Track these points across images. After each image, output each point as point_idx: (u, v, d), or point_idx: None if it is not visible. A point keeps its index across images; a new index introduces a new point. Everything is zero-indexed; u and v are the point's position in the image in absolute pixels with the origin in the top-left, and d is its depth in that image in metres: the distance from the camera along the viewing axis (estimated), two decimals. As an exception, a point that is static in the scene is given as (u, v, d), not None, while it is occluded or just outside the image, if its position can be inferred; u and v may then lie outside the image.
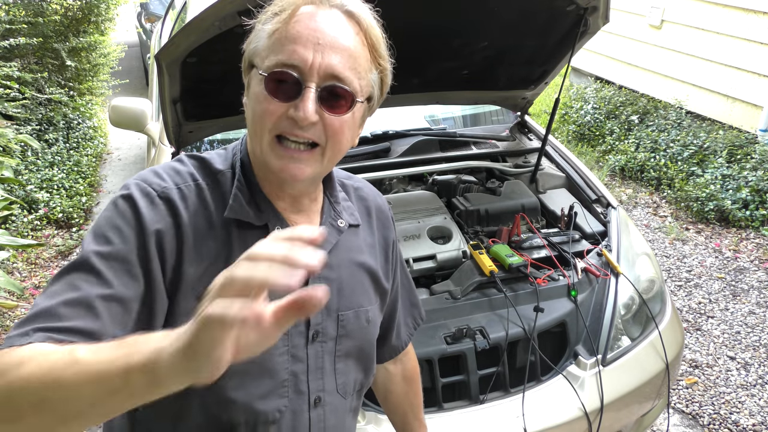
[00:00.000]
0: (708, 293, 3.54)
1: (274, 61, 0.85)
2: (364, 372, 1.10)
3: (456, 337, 1.82)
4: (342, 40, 0.86)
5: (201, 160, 0.97)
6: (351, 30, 0.88)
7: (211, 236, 0.90)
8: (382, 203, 1.17)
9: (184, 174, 0.93)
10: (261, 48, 0.88)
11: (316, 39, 0.84)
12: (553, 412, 1.80)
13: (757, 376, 2.90)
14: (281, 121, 0.86)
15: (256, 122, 0.89)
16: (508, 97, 2.68)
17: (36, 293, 3.49)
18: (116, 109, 2.76)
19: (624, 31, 5.98)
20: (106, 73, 6.19)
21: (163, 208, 0.88)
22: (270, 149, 0.88)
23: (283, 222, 0.96)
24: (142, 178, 0.91)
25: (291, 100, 0.85)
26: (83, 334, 0.76)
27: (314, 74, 0.84)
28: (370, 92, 0.93)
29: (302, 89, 0.85)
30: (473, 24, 2.08)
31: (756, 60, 4.71)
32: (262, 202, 0.95)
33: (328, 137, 0.88)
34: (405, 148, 2.53)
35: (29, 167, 4.51)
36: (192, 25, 1.52)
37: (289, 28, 0.85)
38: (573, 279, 2.03)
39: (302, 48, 0.84)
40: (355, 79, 0.87)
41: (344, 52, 0.86)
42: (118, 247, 0.84)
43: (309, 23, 0.85)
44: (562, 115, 6.10)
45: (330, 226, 1.02)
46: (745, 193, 4.19)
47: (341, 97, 0.87)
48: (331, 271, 1.00)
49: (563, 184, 2.59)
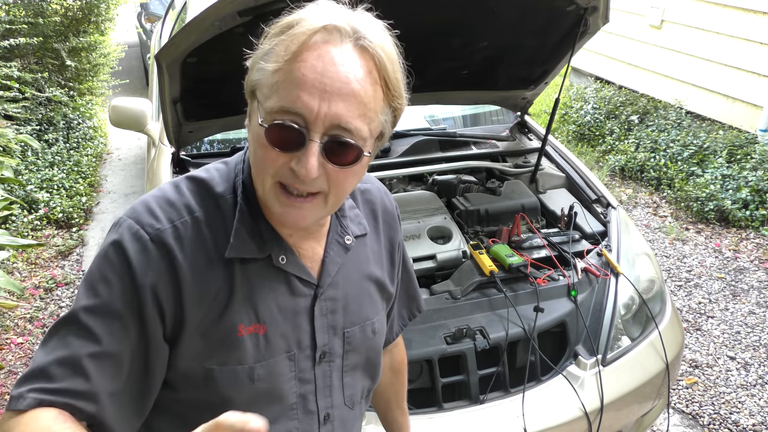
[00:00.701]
0: (708, 293, 3.54)
1: (276, 105, 0.78)
2: (372, 378, 1.09)
3: (456, 337, 1.82)
4: (353, 84, 0.78)
5: (200, 183, 0.91)
6: (363, 70, 0.79)
7: (212, 275, 0.86)
8: (389, 203, 1.12)
9: (179, 207, 0.87)
10: (263, 83, 0.80)
11: (323, 85, 0.76)
12: (553, 412, 1.80)
13: (757, 376, 2.90)
14: (283, 170, 0.81)
15: (257, 164, 0.84)
16: (508, 97, 2.68)
17: (36, 293, 3.49)
18: (116, 109, 2.76)
19: (624, 31, 5.98)
20: (106, 73, 6.19)
21: (156, 255, 0.83)
22: (272, 194, 0.83)
23: (288, 250, 0.91)
24: (135, 218, 0.86)
25: (293, 151, 0.79)
26: (75, 395, 0.79)
27: (319, 124, 0.78)
28: (381, 131, 0.86)
29: (305, 142, 0.78)
30: (473, 24, 2.08)
31: (756, 60, 4.71)
32: (265, 230, 0.90)
33: (331, 186, 0.83)
34: (405, 148, 2.53)
35: (29, 167, 4.51)
36: (192, 25, 1.52)
37: (294, 70, 0.77)
38: (573, 279, 2.03)
39: (307, 95, 0.76)
40: (364, 127, 0.80)
41: (353, 99, 0.78)
42: (108, 301, 0.82)
43: (316, 65, 0.77)
44: (562, 115, 6.10)
45: (336, 244, 0.98)
46: (745, 193, 4.19)
47: (347, 149, 0.80)
48: (337, 290, 0.98)
49: (563, 184, 2.59)
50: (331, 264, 0.96)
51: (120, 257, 0.83)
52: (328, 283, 0.96)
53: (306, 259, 0.94)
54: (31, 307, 3.38)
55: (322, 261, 0.96)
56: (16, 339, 3.12)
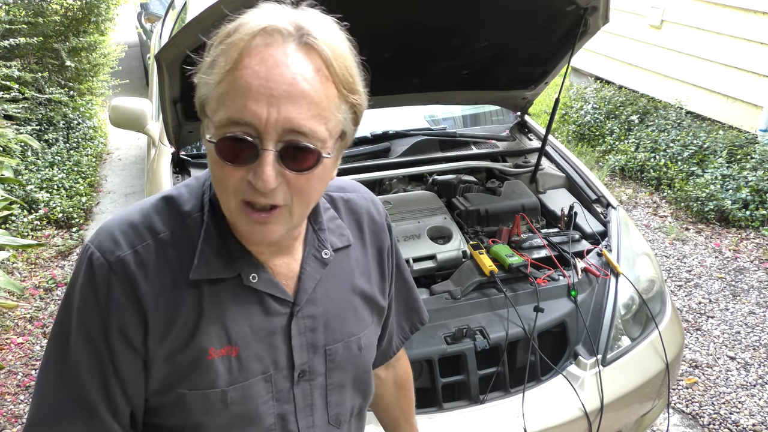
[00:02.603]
0: (708, 293, 3.54)
1: (224, 118, 0.74)
2: (363, 396, 1.05)
3: (456, 337, 1.82)
4: (301, 84, 0.73)
5: (168, 202, 0.87)
6: (310, 68, 0.74)
7: (178, 298, 0.83)
8: (375, 211, 1.05)
9: (141, 230, 0.84)
10: (210, 97, 0.77)
11: (269, 90, 0.72)
12: (553, 412, 1.80)
13: (757, 376, 2.90)
14: (242, 185, 0.76)
15: (217, 184, 0.80)
16: (508, 97, 2.68)
17: (36, 293, 3.49)
18: (116, 109, 2.76)
19: (624, 31, 5.98)
20: (106, 73, 6.19)
21: (118, 286, 0.81)
22: (238, 213, 0.79)
23: (259, 268, 0.87)
24: (97, 244, 0.84)
25: (248, 164, 0.75)
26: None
27: (271, 132, 0.73)
28: (342, 130, 0.81)
29: (259, 152, 0.74)
30: (473, 24, 2.08)
31: (756, 60, 4.71)
32: (235, 248, 0.86)
33: (294, 195, 0.79)
34: (405, 148, 2.53)
35: (29, 167, 4.51)
36: (192, 25, 1.52)
37: (237, 78, 0.73)
38: (573, 279, 2.03)
39: (254, 102, 0.72)
40: (320, 127, 0.76)
41: (304, 99, 0.73)
42: (84, 339, 0.83)
43: (259, 70, 0.72)
44: (562, 115, 6.10)
45: (314, 259, 0.93)
46: (745, 193, 4.19)
47: (305, 152, 0.76)
48: (316, 306, 0.93)
49: (563, 184, 2.59)
50: (308, 280, 0.92)
51: (86, 289, 0.83)
52: (306, 300, 0.92)
53: (280, 276, 0.90)
54: (31, 307, 3.38)
55: (298, 277, 0.92)
56: (16, 339, 3.12)
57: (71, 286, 0.85)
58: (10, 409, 2.70)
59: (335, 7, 0.84)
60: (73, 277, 0.86)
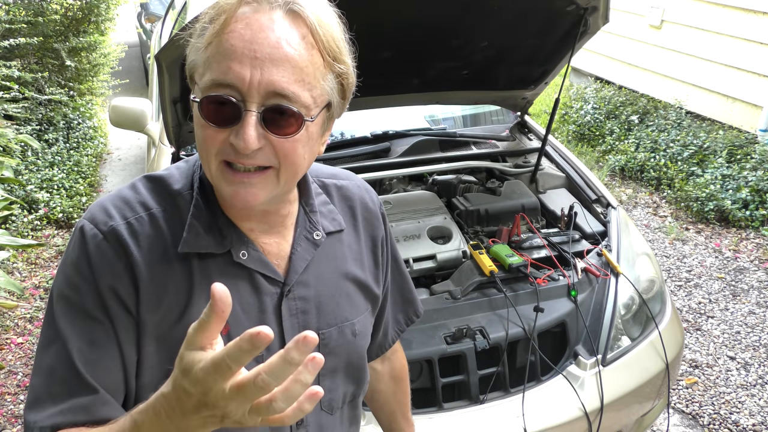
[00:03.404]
0: (708, 293, 3.54)
1: (208, 80, 0.76)
2: (356, 383, 1.05)
3: (456, 337, 1.82)
4: (285, 48, 0.74)
5: (157, 181, 0.88)
6: (296, 34, 0.76)
7: (170, 272, 0.83)
8: (370, 200, 1.06)
9: (133, 204, 0.85)
10: (198, 63, 0.78)
11: (253, 52, 0.73)
12: (553, 412, 1.80)
13: (757, 376, 2.90)
14: (224, 147, 0.77)
15: (200, 147, 0.80)
16: (508, 97, 2.68)
17: (36, 293, 3.49)
18: (116, 109, 2.76)
19: (624, 31, 5.98)
20: (106, 73, 6.19)
21: (112, 253, 0.81)
22: (219, 174, 0.80)
23: (249, 245, 0.88)
24: (90, 218, 0.84)
25: (231, 125, 0.76)
26: (84, 410, 0.80)
27: (254, 94, 0.74)
28: (328, 100, 0.82)
29: (241, 113, 0.75)
30: (473, 24, 2.08)
31: (756, 60, 4.71)
32: (224, 225, 0.87)
33: (281, 159, 0.79)
34: (405, 148, 2.53)
35: (29, 167, 4.51)
36: (192, 25, 1.52)
37: (223, 41, 0.74)
38: (573, 279, 2.03)
39: (238, 64, 0.73)
40: (304, 93, 0.77)
41: (288, 63, 0.74)
42: (80, 305, 0.82)
43: (244, 33, 0.74)
44: (562, 115, 6.10)
45: (305, 240, 0.94)
46: (745, 193, 4.19)
47: (288, 116, 0.76)
48: (308, 289, 0.93)
49: (563, 184, 2.59)
50: (299, 260, 0.92)
51: (79, 260, 0.82)
52: (296, 281, 0.92)
53: (271, 255, 0.90)
54: (31, 307, 3.38)
55: (289, 258, 0.92)
56: (16, 339, 3.12)
57: (63, 262, 0.85)
58: (10, 409, 2.70)
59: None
60: (66, 254, 0.86)
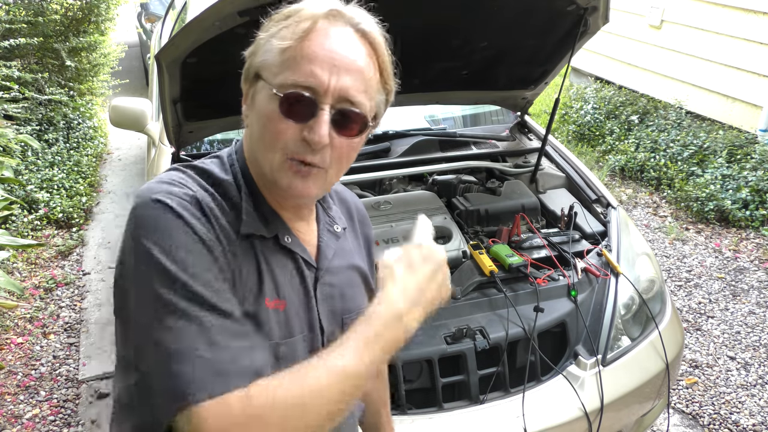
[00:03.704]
0: (708, 293, 3.54)
1: (289, 80, 0.83)
2: None
3: (456, 337, 1.82)
4: (357, 61, 0.85)
5: (201, 171, 0.93)
6: (364, 51, 0.87)
7: (239, 244, 0.87)
8: (359, 203, 1.19)
9: (192, 184, 0.88)
10: (271, 63, 0.85)
11: (332, 60, 0.83)
12: (553, 412, 1.80)
13: (757, 376, 2.90)
14: (293, 142, 0.85)
15: (267, 141, 0.87)
16: (508, 97, 2.68)
17: (36, 293, 3.49)
18: (116, 109, 2.76)
19: (624, 31, 5.98)
20: (106, 73, 6.19)
21: (196, 211, 0.84)
22: (282, 168, 0.87)
23: (289, 232, 0.96)
24: (166, 189, 0.84)
25: (304, 121, 0.84)
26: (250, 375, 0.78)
27: (329, 96, 0.83)
28: (377, 112, 0.93)
29: (317, 111, 0.83)
30: (473, 24, 2.08)
31: (756, 60, 4.71)
32: (268, 213, 0.94)
33: (333, 160, 0.88)
34: (405, 148, 2.53)
35: (29, 167, 4.51)
36: (192, 25, 1.52)
37: (304, 47, 0.83)
38: (573, 279, 2.03)
39: (319, 69, 0.82)
40: (366, 102, 0.87)
41: (358, 74, 0.85)
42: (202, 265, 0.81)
43: (324, 43, 0.83)
44: (562, 115, 6.10)
45: (328, 232, 1.03)
46: (745, 193, 4.19)
47: (353, 121, 0.86)
48: (334, 276, 1.00)
49: (563, 184, 2.59)
50: (327, 248, 1.01)
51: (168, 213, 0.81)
52: (326, 268, 1.00)
53: (305, 243, 0.98)
54: (31, 307, 3.38)
55: (318, 246, 1.01)
56: (16, 339, 3.12)
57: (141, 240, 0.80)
58: (9, 409, 2.70)
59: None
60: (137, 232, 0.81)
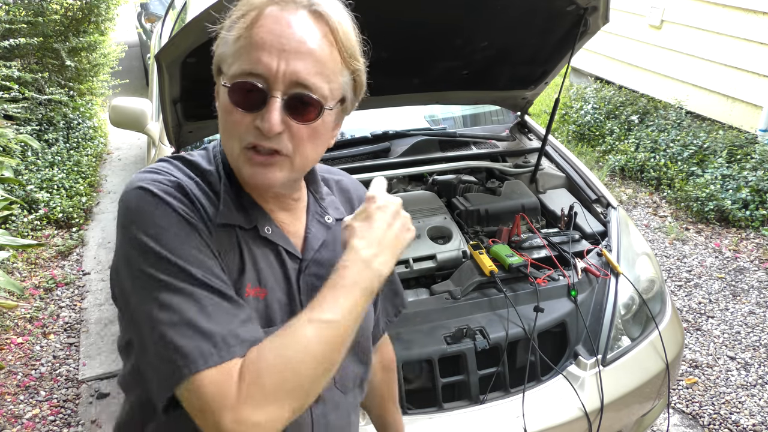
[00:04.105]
0: (708, 293, 3.54)
1: (238, 69, 0.83)
2: (364, 365, 1.10)
3: (456, 337, 1.82)
4: (309, 43, 0.83)
5: (186, 161, 0.95)
6: (318, 32, 0.84)
7: (222, 233, 0.89)
8: (363, 193, 1.17)
9: (177, 173, 0.91)
10: (227, 54, 0.86)
11: (281, 45, 0.82)
12: (553, 412, 1.80)
13: (757, 376, 2.90)
14: (248, 131, 0.85)
15: (225, 132, 0.88)
16: (508, 97, 2.68)
17: (36, 293, 3.49)
18: (116, 109, 2.76)
19: (624, 31, 5.98)
20: (106, 73, 6.19)
21: (181, 196, 0.86)
22: (241, 157, 0.87)
23: (271, 222, 0.96)
24: (148, 178, 0.86)
25: (256, 110, 0.83)
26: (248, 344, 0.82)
27: (279, 82, 0.82)
28: (342, 95, 0.90)
29: (267, 99, 0.83)
30: (473, 24, 2.08)
31: (756, 60, 4.71)
32: (248, 204, 0.94)
33: (295, 146, 0.87)
34: (405, 148, 2.53)
35: (29, 167, 4.51)
36: (192, 25, 1.52)
37: (253, 34, 0.83)
38: (573, 279, 2.03)
39: (266, 55, 0.82)
40: (323, 85, 0.85)
41: (310, 57, 0.83)
42: (191, 248, 0.83)
43: (273, 28, 0.82)
44: (562, 115, 6.10)
45: (317, 223, 1.03)
46: (745, 193, 4.19)
47: (308, 105, 0.85)
48: (322, 267, 1.00)
49: (563, 184, 2.59)
50: (313, 239, 1.00)
51: (153, 199, 0.83)
52: (312, 259, 0.99)
53: (289, 234, 0.98)
54: (31, 307, 3.38)
55: (304, 237, 1.00)
56: (16, 339, 3.12)
57: (129, 226, 0.83)
58: (9, 409, 2.70)
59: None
60: (132, 214, 0.84)
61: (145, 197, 0.84)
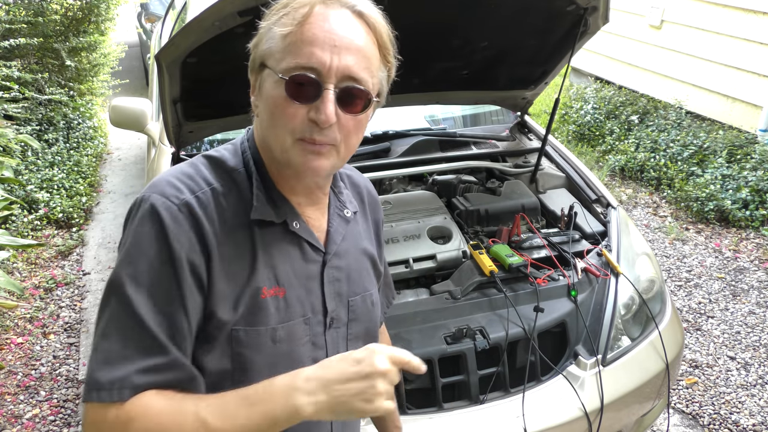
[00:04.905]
0: (708, 293, 3.54)
1: (292, 63, 0.87)
2: None
3: (456, 337, 1.82)
4: (356, 41, 0.89)
5: (213, 160, 0.98)
6: (362, 30, 0.90)
7: (233, 241, 0.92)
8: (371, 187, 1.22)
9: (197, 180, 0.94)
10: (275, 50, 0.89)
11: (333, 41, 0.87)
12: (553, 412, 1.80)
13: (757, 376, 2.90)
14: (302, 124, 0.88)
15: (274, 125, 0.91)
16: (508, 97, 2.68)
17: (36, 293, 3.49)
18: (116, 109, 2.76)
19: (624, 31, 5.98)
20: (106, 73, 6.19)
21: (186, 224, 0.89)
22: (294, 149, 0.91)
23: (298, 217, 0.99)
24: (159, 191, 0.90)
25: (311, 102, 0.88)
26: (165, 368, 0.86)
27: (332, 76, 0.87)
28: (380, 89, 0.96)
29: (321, 91, 0.87)
30: (473, 24, 2.08)
31: (756, 60, 4.71)
32: (278, 199, 0.97)
33: (343, 136, 0.92)
34: (405, 148, 2.53)
35: (29, 167, 4.51)
36: (192, 25, 1.52)
37: (305, 31, 0.87)
38: (573, 279, 2.03)
39: (320, 50, 0.86)
40: (369, 79, 0.91)
41: (359, 52, 0.89)
42: (154, 271, 0.87)
43: (324, 25, 0.87)
44: (562, 115, 6.10)
45: (338, 217, 1.07)
46: (745, 193, 4.19)
47: (357, 97, 0.90)
48: (341, 259, 1.05)
49: (563, 184, 2.59)
50: (336, 234, 1.05)
51: (155, 227, 0.87)
52: (334, 252, 1.04)
53: (313, 228, 1.02)
54: (31, 307, 3.38)
55: (327, 231, 1.05)
56: (16, 339, 3.12)
57: (135, 234, 0.89)
58: (9, 409, 2.70)
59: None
60: (134, 228, 0.90)
61: (148, 226, 0.88)
